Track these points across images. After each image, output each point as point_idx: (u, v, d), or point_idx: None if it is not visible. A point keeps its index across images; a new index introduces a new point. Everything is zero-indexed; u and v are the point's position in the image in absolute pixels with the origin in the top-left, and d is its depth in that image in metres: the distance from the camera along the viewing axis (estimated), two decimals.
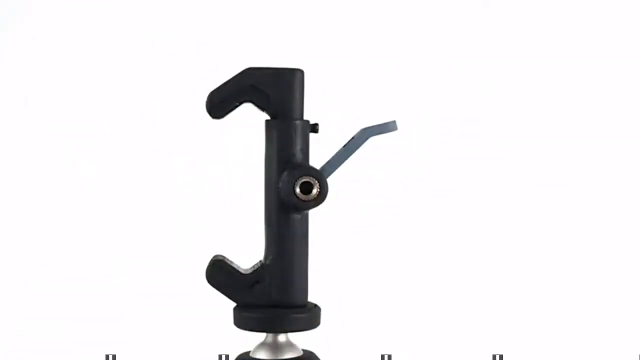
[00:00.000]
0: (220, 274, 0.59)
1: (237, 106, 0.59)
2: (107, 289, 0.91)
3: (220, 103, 0.59)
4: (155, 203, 0.91)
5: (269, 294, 0.60)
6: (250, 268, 0.61)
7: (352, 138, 0.61)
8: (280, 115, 0.59)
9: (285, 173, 0.59)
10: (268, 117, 0.60)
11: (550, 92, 0.95)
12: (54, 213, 0.92)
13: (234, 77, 0.59)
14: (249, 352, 0.62)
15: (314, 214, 0.61)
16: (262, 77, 0.59)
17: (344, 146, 0.61)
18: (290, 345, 0.62)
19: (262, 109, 0.59)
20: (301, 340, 0.62)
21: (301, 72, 0.60)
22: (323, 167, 0.60)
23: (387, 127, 0.61)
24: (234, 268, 0.60)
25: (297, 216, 0.60)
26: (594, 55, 0.95)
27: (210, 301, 0.62)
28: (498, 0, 0.94)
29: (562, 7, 0.94)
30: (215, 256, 0.61)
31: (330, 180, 0.60)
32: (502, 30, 0.94)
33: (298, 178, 0.59)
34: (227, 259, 0.61)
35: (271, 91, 0.59)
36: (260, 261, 0.60)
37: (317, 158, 0.61)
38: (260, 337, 0.62)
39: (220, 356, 0.75)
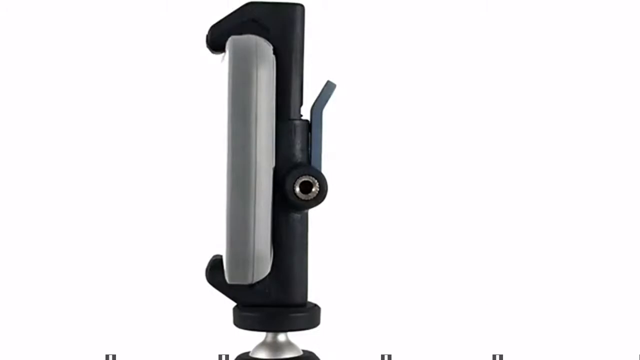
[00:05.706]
0: (220, 273, 0.59)
1: None
2: (106, 288, 0.91)
3: (221, 37, 0.59)
4: (154, 203, 0.91)
5: (269, 294, 0.60)
6: None
7: (310, 121, 0.60)
8: (280, 48, 0.58)
9: (284, 172, 0.59)
10: None
11: (552, 93, 0.95)
12: (53, 211, 0.92)
13: (234, 12, 0.59)
14: (248, 352, 0.62)
15: (314, 213, 0.61)
16: (263, 12, 0.59)
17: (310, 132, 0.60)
18: (290, 344, 0.61)
19: None
20: (301, 340, 0.62)
21: (302, 6, 0.60)
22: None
23: (328, 93, 0.60)
24: None
25: (296, 215, 0.60)
26: (594, 56, 0.95)
27: (210, 301, 0.62)
28: (498, 1, 0.94)
29: (563, 9, 0.94)
30: (215, 256, 0.61)
31: (330, 180, 0.60)
32: (502, 30, 0.94)
33: (298, 177, 0.59)
34: None
35: (272, 25, 0.58)
36: None
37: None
38: (260, 336, 0.62)
39: (220, 356, 0.75)
